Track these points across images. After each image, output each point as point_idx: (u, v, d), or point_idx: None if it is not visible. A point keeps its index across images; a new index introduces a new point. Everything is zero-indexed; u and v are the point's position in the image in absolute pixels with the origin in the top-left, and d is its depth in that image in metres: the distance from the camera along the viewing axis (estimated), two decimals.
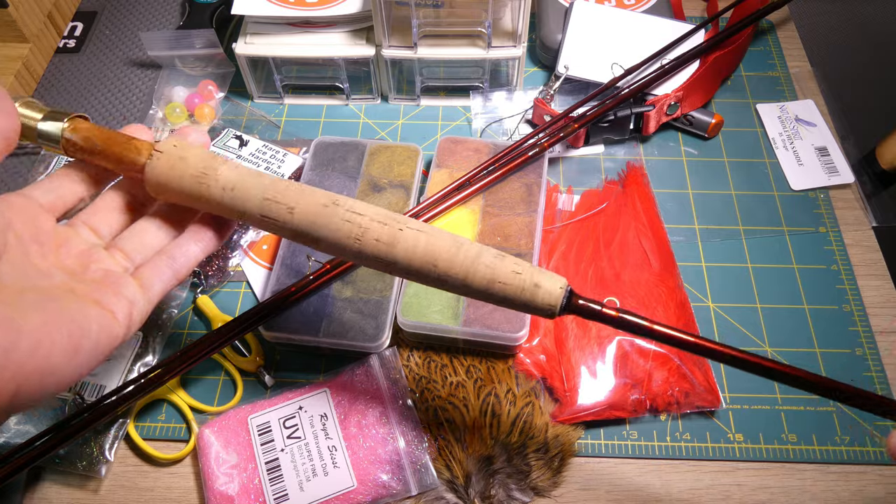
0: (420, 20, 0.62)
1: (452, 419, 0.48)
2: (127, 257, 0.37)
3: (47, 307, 0.31)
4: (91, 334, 0.32)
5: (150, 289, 0.36)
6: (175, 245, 0.38)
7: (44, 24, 0.73)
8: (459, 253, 0.35)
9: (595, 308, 0.34)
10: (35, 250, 0.35)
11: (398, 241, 0.35)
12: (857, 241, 0.59)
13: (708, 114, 0.65)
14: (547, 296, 0.34)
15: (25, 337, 0.29)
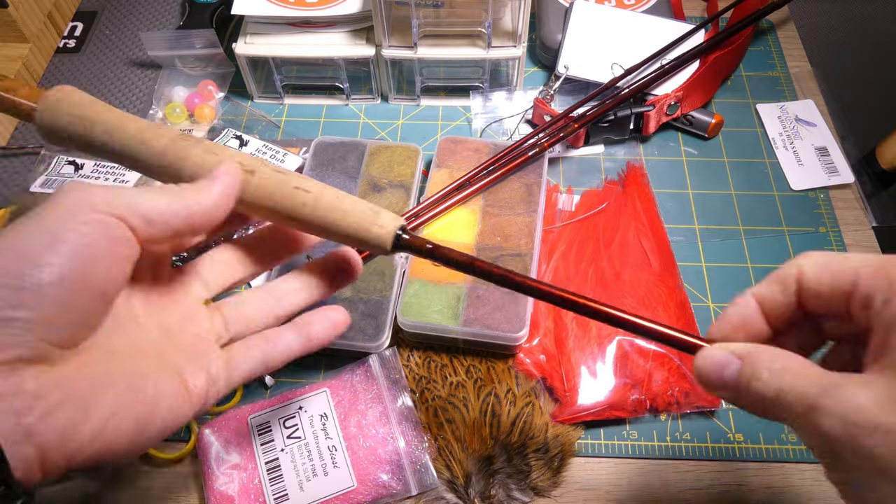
0: (420, 20, 0.62)
1: (452, 419, 0.48)
2: (225, 325, 0.34)
3: (124, 383, 0.28)
4: (159, 415, 0.29)
5: (235, 370, 0.33)
6: (276, 332, 0.35)
7: (44, 24, 0.73)
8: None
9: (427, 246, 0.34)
10: (141, 295, 0.32)
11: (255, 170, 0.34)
12: (857, 241, 0.59)
13: (708, 114, 0.65)
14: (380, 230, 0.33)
15: (92, 421, 0.26)
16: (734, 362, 0.28)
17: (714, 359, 0.28)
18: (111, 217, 0.27)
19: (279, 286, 0.36)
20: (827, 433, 0.24)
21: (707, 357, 0.29)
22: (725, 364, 0.28)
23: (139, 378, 0.28)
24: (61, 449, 0.25)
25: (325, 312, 0.36)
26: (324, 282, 0.37)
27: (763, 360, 0.27)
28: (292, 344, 0.35)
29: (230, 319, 0.34)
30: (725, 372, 0.28)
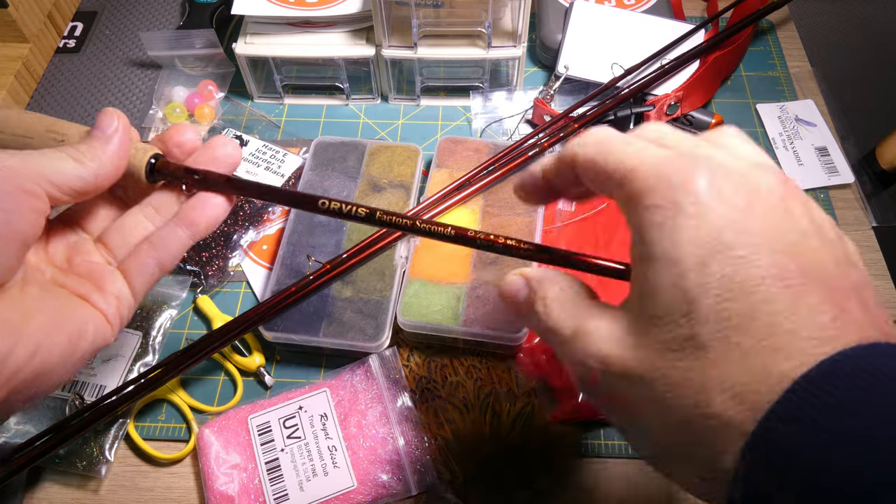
0: (420, 20, 0.62)
1: (452, 419, 0.48)
2: (110, 252, 0.35)
3: (48, 307, 0.30)
4: (88, 335, 0.31)
5: (135, 282, 0.34)
6: (158, 233, 0.34)
7: (44, 24, 0.73)
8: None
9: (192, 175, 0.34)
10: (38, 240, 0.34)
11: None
12: (857, 241, 0.59)
13: (708, 114, 0.65)
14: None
15: (25, 341, 0.28)
16: (523, 290, 0.30)
17: (510, 283, 0.30)
18: (28, 189, 0.30)
19: (154, 199, 0.36)
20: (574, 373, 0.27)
21: (506, 282, 0.31)
22: (518, 289, 0.30)
23: (62, 303, 0.31)
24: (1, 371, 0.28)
25: (202, 196, 0.35)
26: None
27: (543, 289, 0.29)
28: (181, 237, 0.34)
29: (114, 244, 0.35)
30: (518, 296, 0.30)
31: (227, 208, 0.35)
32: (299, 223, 0.56)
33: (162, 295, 0.55)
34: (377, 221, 0.34)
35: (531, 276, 0.30)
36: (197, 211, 0.34)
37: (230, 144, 0.35)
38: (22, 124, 0.35)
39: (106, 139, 0.32)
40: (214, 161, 0.35)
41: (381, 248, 0.54)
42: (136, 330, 0.53)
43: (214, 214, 0.35)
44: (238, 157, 0.36)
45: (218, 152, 0.35)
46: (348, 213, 0.34)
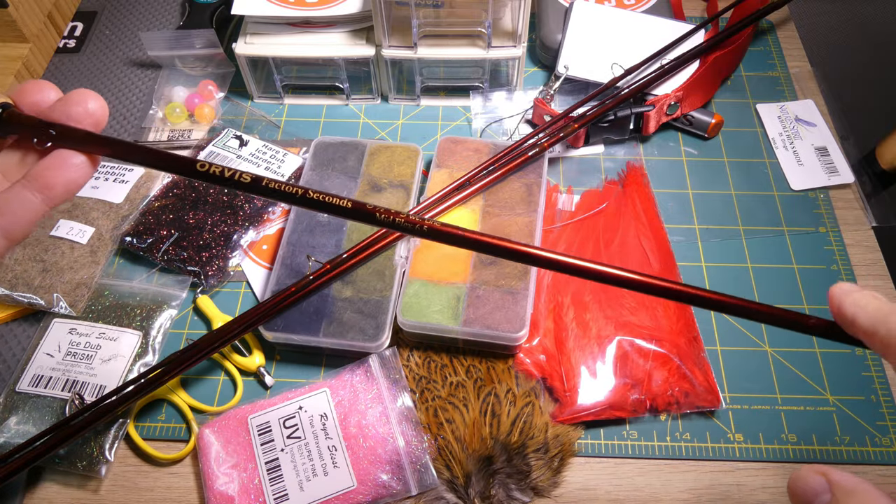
0: (420, 20, 0.62)
1: (452, 419, 0.48)
2: None
3: None
4: None
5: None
6: (3, 196, 0.28)
7: (44, 24, 0.73)
8: None
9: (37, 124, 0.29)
10: None
11: None
12: (857, 241, 0.59)
13: (708, 114, 0.65)
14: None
15: None
16: (824, 495, 0.26)
17: (805, 483, 0.26)
18: None
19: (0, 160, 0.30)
20: None
21: (799, 480, 0.27)
22: (817, 492, 0.26)
23: None
24: None
25: (61, 155, 0.29)
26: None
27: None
28: (32, 203, 0.28)
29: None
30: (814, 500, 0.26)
31: (90, 171, 0.29)
32: (299, 223, 0.56)
33: (162, 295, 0.55)
34: (264, 190, 0.30)
35: (839, 480, 0.26)
36: (52, 171, 0.28)
37: (92, 99, 0.29)
38: None
39: None
40: (68, 120, 0.29)
41: (381, 248, 0.54)
42: (136, 330, 0.53)
43: (74, 177, 0.29)
44: (102, 115, 0.30)
45: (72, 109, 0.29)
46: (230, 179, 0.30)
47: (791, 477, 0.27)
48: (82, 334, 0.53)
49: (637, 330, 0.52)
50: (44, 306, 0.54)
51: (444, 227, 0.31)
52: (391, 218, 0.30)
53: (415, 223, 0.30)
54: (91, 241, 0.57)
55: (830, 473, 0.26)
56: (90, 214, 0.58)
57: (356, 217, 0.31)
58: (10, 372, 0.52)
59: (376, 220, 0.31)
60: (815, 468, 0.27)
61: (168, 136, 0.67)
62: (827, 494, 0.26)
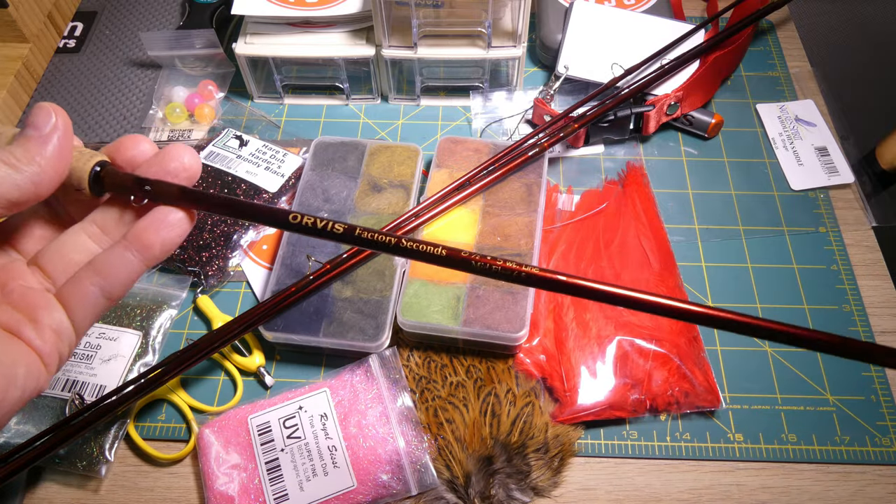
0: (420, 20, 0.62)
1: (452, 419, 0.48)
2: (48, 277, 0.29)
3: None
4: (18, 381, 0.26)
5: (77, 313, 0.28)
6: (104, 257, 0.28)
7: (44, 24, 0.73)
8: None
9: (141, 184, 0.29)
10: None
11: None
12: (857, 241, 0.59)
13: (708, 114, 0.65)
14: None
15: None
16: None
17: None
18: None
19: (99, 216, 0.30)
20: None
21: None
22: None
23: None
24: None
25: (155, 213, 0.29)
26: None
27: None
28: (131, 263, 0.28)
29: (52, 268, 0.29)
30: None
31: (187, 227, 0.29)
32: None
33: (162, 295, 0.55)
34: (356, 240, 0.29)
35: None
36: (151, 231, 0.28)
37: (187, 154, 0.30)
38: None
39: (43, 139, 0.27)
40: (166, 175, 0.29)
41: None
42: (136, 330, 0.53)
43: (171, 236, 0.29)
44: (196, 169, 0.30)
45: (170, 165, 0.29)
46: (323, 230, 0.29)
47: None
48: None
49: (637, 330, 0.52)
50: None
51: (544, 274, 0.29)
52: (487, 264, 0.29)
53: (512, 270, 0.29)
54: None
55: None
56: None
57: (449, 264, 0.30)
58: None
59: (472, 268, 0.29)
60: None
61: (168, 137, 0.67)
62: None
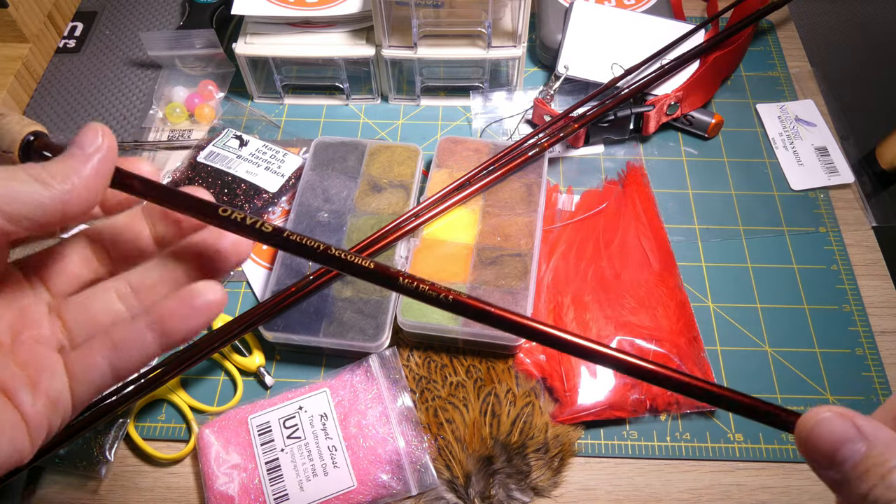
0: (420, 20, 0.62)
1: (452, 419, 0.48)
2: (66, 330, 0.27)
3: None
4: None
5: (78, 386, 0.25)
6: (122, 330, 0.26)
7: (44, 24, 0.73)
8: None
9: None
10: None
11: None
12: (857, 241, 0.59)
13: (708, 114, 0.65)
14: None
15: None
16: (857, 443, 0.22)
17: (831, 429, 0.22)
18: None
19: (135, 277, 0.28)
20: None
21: (823, 424, 0.22)
22: (845, 440, 0.22)
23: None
24: None
25: (186, 296, 0.26)
26: (193, 271, 0.28)
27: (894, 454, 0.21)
28: (148, 345, 0.26)
29: (73, 322, 0.27)
30: (842, 451, 0.22)
31: (214, 316, 0.27)
32: (299, 223, 0.56)
33: None
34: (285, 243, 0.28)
35: (868, 427, 0.22)
36: (176, 319, 0.26)
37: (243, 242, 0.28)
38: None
39: (84, 158, 0.25)
40: (218, 254, 0.28)
41: (381, 248, 0.54)
42: None
43: (196, 325, 0.26)
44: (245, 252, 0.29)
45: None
46: (251, 227, 0.27)
47: (806, 420, 0.23)
48: None
49: (637, 330, 0.52)
50: None
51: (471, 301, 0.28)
52: (415, 284, 0.28)
53: (439, 293, 0.28)
54: None
55: (855, 415, 0.22)
56: None
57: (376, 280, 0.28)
58: None
59: (398, 287, 0.28)
60: (836, 410, 0.23)
61: (168, 136, 0.67)
62: (858, 444, 0.22)
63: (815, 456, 0.23)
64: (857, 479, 0.21)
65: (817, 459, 0.23)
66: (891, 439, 0.22)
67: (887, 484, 0.21)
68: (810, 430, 0.23)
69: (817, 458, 0.23)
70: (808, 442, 0.23)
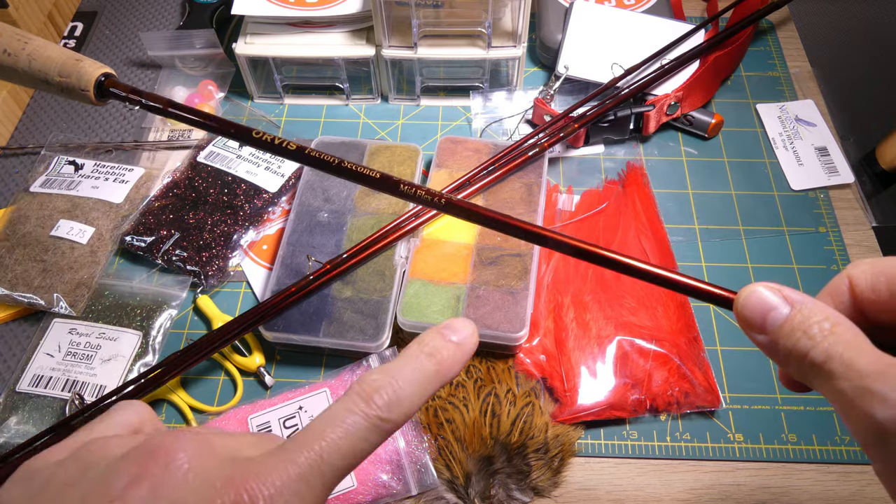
0: (420, 20, 0.62)
1: (452, 419, 0.48)
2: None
3: None
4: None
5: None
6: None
7: (44, 24, 0.73)
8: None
9: (130, 95, 0.37)
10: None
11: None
12: (857, 241, 0.59)
13: (708, 114, 0.65)
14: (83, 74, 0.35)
15: None
16: (783, 307, 0.25)
17: (761, 298, 0.25)
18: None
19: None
20: (880, 423, 0.21)
21: (753, 294, 0.26)
22: (773, 306, 0.25)
23: None
24: None
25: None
26: None
27: (816, 313, 0.24)
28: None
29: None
30: (771, 315, 0.25)
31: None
32: (299, 223, 0.56)
33: (162, 295, 0.55)
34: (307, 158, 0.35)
35: (794, 295, 0.25)
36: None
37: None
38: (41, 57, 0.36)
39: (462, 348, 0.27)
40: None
41: (381, 248, 0.54)
42: (136, 330, 0.53)
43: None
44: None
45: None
46: (279, 146, 0.35)
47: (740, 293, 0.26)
48: (82, 334, 0.53)
49: (637, 330, 0.52)
50: (44, 306, 0.54)
51: (460, 203, 0.33)
52: (413, 190, 0.33)
53: (433, 196, 0.33)
54: (91, 241, 0.57)
55: (782, 287, 0.26)
56: (90, 214, 0.58)
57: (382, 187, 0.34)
58: (10, 372, 0.52)
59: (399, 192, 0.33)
60: (767, 284, 0.26)
61: (168, 136, 0.67)
62: (783, 307, 0.25)
63: (749, 324, 0.26)
64: (784, 338, 0.25)
65: (752, 326, 0.26)
66: (815, 304, 0.25)
67: (809, 335, 0.24)
68: (744, 301, 0.26)
69: (752, 325, 0.26)
70: (743, 312, 0.26)
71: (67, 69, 0.36)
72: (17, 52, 0.36)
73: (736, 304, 0.27)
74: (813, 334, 0.24)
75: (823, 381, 0.23)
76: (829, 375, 0.23)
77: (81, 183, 0.60)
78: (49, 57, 0.36)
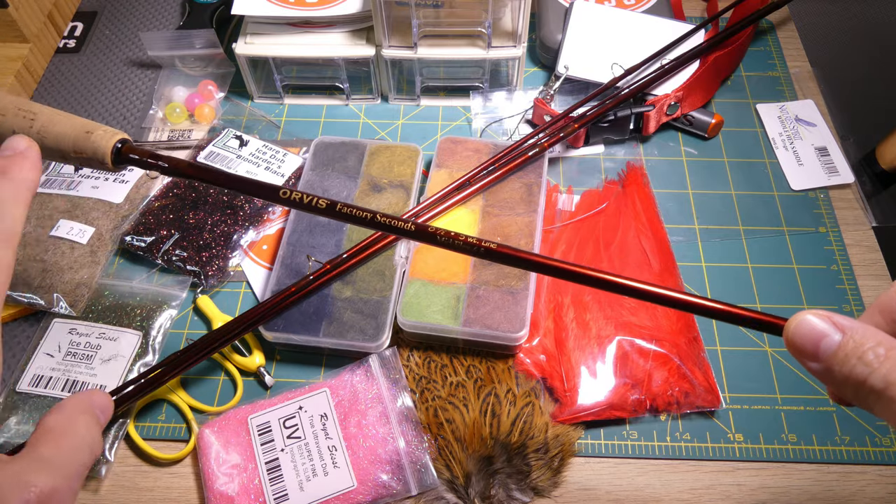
0: (420, 20, 0.62)
1: (452, 419, 0.48)
2: None
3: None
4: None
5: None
6: None
7: (44, 24, 0.73)
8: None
9: (148, 160, 0.37)
10: None
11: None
12: (857, 241, 0.59)
13: (708, 114, 0.65)
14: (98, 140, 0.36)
15: None
16: (834, 334, 0.25)
17: (811, 326, 0.26)
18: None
19: None
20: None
21: (804, 323, 0.26)
22: (824, 334, 0.26)
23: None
24: None
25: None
26: None
27: (868, 339, 0.25)
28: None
29: None
30: (823, 343, 0.26)
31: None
32: (299, 223, 0.56)
33: (162, 295, 0.55)
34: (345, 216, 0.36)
35: (843, 322, 0.26)
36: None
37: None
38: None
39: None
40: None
41: (381, 248, 0.54)
42: (136, 330, 0.53)
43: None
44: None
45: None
46: (309, 204, 0.36)
47: (791, 321, 0.27)
48: (82, 334, 0.53)
49: (637, 330, 0.52)
50: (44, 306, 0.54)
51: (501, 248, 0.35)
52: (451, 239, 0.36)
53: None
54: (91, 241, 0.57)
55: (831, 315, 0.26)
56: (90, 214, 0.58)
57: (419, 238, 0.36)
58: (10, 372, 0.52)
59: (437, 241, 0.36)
60: (816, 311, 0.27)
61: (168, 137, 0.67)
62: (835, 335, 0.25)
63: (801, 352, 0.26)
64: (838, 365, 0.25)
65: (804, 354, 0.26)
66: (865, 328, 0.25)
67: (865, 362, 0.24)
68: (794, 330, 0.27)
69: (804, 353, 0.26)
70: (794, 340, 0.27)
71: (81, 145, 0.36)
72: (26, 131, 0.36)
73: (786, 333, 0.27)
74: (869, 360, 0.24)
75: (885, 407, 0.24)
76: (890, 401, 0.24)
77: (81, 183, 0.60)
78: (60, 133, 0.36)
